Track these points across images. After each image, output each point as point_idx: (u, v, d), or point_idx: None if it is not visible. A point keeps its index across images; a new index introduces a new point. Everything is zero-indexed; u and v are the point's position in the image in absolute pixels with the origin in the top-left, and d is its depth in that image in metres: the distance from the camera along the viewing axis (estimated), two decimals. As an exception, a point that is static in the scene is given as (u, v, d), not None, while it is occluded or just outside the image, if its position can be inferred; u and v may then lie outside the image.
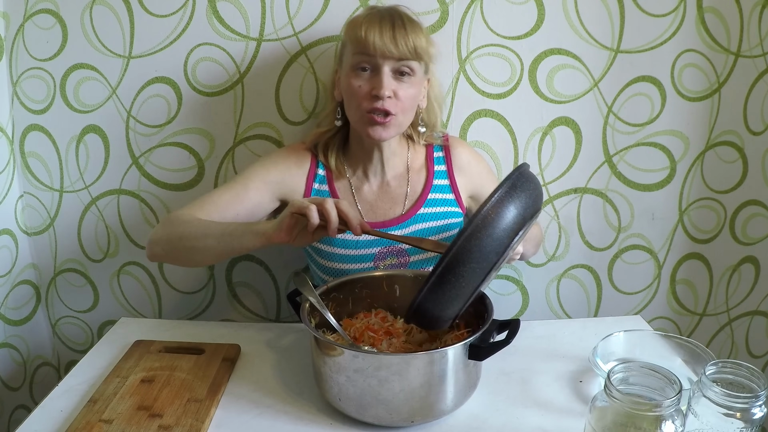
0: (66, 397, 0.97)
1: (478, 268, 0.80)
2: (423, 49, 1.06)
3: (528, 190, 0.83)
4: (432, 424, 0.90)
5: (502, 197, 0.80)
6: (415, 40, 1.04)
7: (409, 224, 1.17)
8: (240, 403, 0.96)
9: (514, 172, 0.83)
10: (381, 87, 1.04)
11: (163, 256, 1.12)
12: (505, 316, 0.97)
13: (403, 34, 1.04)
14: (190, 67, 1.32)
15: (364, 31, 1.04)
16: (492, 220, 0.79)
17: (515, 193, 0.81)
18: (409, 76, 1.07)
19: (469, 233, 0.79)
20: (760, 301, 1.52)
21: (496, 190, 0.81)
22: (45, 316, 1.54)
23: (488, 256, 0.80)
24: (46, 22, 1.31)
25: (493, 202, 0.80)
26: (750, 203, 1.44)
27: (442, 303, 0.84)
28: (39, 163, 1.41)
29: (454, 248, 0.79)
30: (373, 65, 1.06)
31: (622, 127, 1.37)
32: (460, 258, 0.79)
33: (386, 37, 1.03)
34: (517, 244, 0.86)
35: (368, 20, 1.05)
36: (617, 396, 0.72)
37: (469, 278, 0.81)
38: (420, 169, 1.22)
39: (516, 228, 0.81)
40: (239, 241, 1.02)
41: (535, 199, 0.84)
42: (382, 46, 1.03)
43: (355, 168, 1.20)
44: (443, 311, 0.85)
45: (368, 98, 1.06)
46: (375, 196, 1.19)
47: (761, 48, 1.33)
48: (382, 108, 1.05)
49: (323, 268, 1.20)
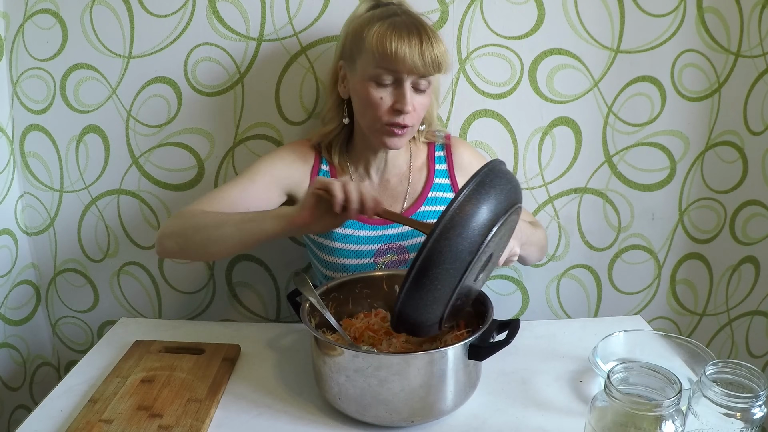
0: (66, 397, 0.97)
1: (452, 269, 0.78)
2: (445, 62, 1.05)
3: (499, 185, 0.80)
4: (432, 424, 0.90)
5: (470, 195, 0.77)
6: (440, 54, 1.03)
7: None
8: (240, 403, 0.96)
9: (482, 169, 0.81)
10: (405, 103, 1.04)
11: (176, 250, 1.08)
12: (505, 316, 0.97)
13: (430, 49, 1.02)
14: (190, 67, 1.32)
15: (395, 46, 1.01)
16: (461, 219, 0.76)
17: (483, 189, 0.78)
18: (427, 88, 1.07)
19: (438, 234, 0.76)
20: (760, 301, 1.52)
21: (463, 188, 0.78)
22: (45, 316, 1.54)
23: (461, 256, 0.77)
24: (46, 22, 1.31)
25: (460, 201, 0.77)
26: (750, 203, 1.44)
27: (421, 307, 0.81)
28: (39, 163, 1.41)
29: (425, 251, 0.77)
30: (396, 78, 1.05)
31: (622, 127, 1.37)
32: (432, 260, 0.77)
33: (416, 54, 1.01)
34: (493, 243, 0.82)
35: (397, 34, 1.02)
36: (617, 396, 0.72)
37: (444, 280, 0.78)
38: (421, 167, 1.22)
39: (489, 225, 0.78)
40: (259, 227, 0.98)
41: (507, 194, 0.81)
42: (412, 63, 1.01)
43: (357, 165, 1.20)
44: (424, 315, 0.82)
45: (390, 112, 1.06)
46: (375, 194, 1.19)
47: (761, 48, 1.33)
48: (403, 123, 1.06)
49: (324, 263, 1.20)
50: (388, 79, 1.05)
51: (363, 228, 1.18)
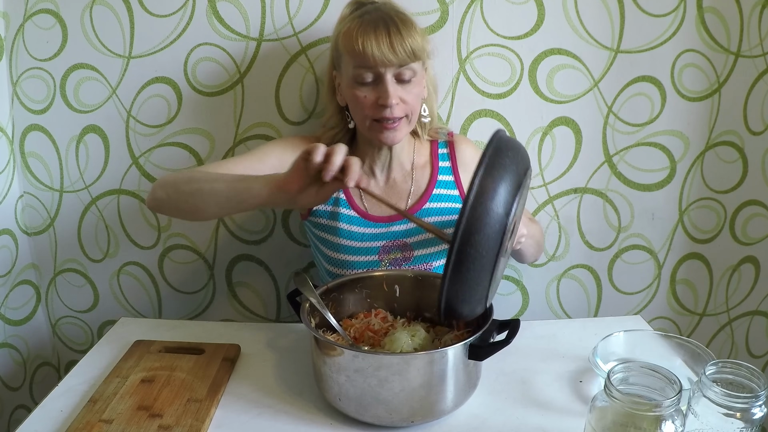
0: (66, 397, 0.97)
1: (492, 232, 0.78)
2: (420, 49, 1.05)
3: (513, 148, 0.82)
4: (432, 424, 0.90)
5: (492, 161, 0.78)
6: (412, 42, 1.03)
7: None
8: (240, 403, 0.96)
9: (493, 138, 0.81)
10: (387, 97, 1.04)
11: (165, 201, 1.05)
12: (505, 316, 0.97)
13: (400, 39, 1.02)
14: (190, 67, 1.32)
15: (361, 44, 1.02)
16: (490, 184, 0.77)
17: (502, 153, 0.79)
18: (412, 78, 1.07)
19: (472, 201, 0.77)
20: (760, 301, 1.52)
21: (483, 157, 0.79)
22: (45, 316, 1.54)
23: (500, 218, 0.78)
24: (46, 22, 1.31)
25: (484, 168, 0.78)
26: (750, 203, 1.44)
27: (469, 281, 0.80)
28: (39, 163, 1.41)
29: (464, 219, 0.76)
30: (375, 74, 1.05)
31: (622, 127, 1.37)
32: (473, 226, 0.76)
33: (384, 47, 1.02)
34: (519, 208, 0.83)
35: (362, 31, 1.03)
36: (617, 396, 0.72)
37: (488, 245, 0.78)
38: (424, 165, 1.22)
39: (515, 184, 0.79)
40: (248, 187, 0.95)
41: (522, 155, 0.83)
42: (381, 57, 1.02)
43: (362, 164, 1.20)
44: (474, 288, 0.81)
45: (375, 108, 1.06)
46: (381, 192, 1.20)
47: (761, 48, 1.33)
48: (391, 116, 1.06)
49: (329, 259, 1.20)
50: (368, 76, 1.05)
51: (367, 225, 1.18)
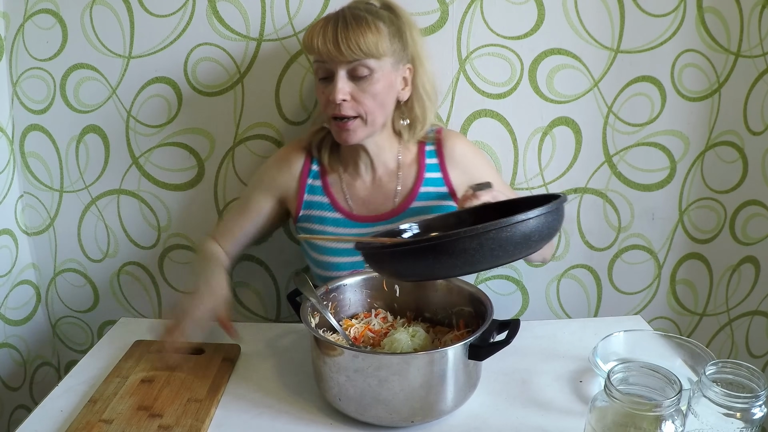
0: (66, 397, 0.97)
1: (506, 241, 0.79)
2: (372, 45, 1.02)
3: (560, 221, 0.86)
4: (432, 424, 0.90)
5: (557, 210, 0.83)
6: (359, 39, 1.01)
7: (400, 218, 1.17)
8: (240, 403, 0.96)
9: (560, 201, 0.85)
10: (332, 91, 1.04)
11: None
12: (505, 316, 0.97)
13: (346, 35, 1.01)
14: (190, 67, 1.32)
15: (310, 37, 1.04)
16: (543, 223, 0.81)
17: (560, 218, 0.84)
18: (369, 75, 1.05)
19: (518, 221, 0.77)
20: (760, 301, 1.52)
21: (558, 201, 0.83)
22: (45, 316, 1.54)
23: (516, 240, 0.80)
24: (46, 22, 1.31)
25: (552, 210, 0.81)
26: (750, 203, 1.44)
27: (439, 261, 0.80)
28: (39, 163, 1.41)
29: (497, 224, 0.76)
30: (329, 70, 1.05)
31: (622, 127, 1.37)
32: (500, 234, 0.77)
33: (329, 42, 1.01)
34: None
35: (315, 25, 1.05)
36: (617, 396, 0.72)
37: (489, 245, 0.78)
38: (411, 164, 1.20)
39: (543, 239, 0.83)
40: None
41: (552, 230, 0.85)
42: (327, 52, 1.02)
43: (347, 165, 1.20)
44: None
45: (328, 105, 1.07)
46: (368, 192, 1.19)
47: (761, 48, 1.33)
48: (339, 114, 1.06)
49: (315, 262, 1.22)
50: (322, 72, 1.07)
51: (353, 226, 1.18)
